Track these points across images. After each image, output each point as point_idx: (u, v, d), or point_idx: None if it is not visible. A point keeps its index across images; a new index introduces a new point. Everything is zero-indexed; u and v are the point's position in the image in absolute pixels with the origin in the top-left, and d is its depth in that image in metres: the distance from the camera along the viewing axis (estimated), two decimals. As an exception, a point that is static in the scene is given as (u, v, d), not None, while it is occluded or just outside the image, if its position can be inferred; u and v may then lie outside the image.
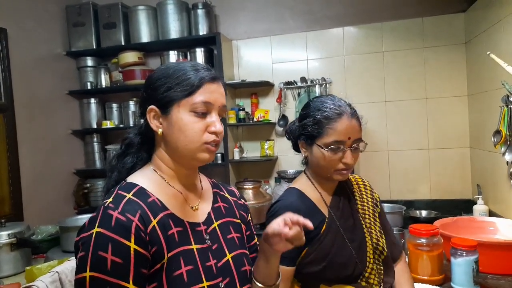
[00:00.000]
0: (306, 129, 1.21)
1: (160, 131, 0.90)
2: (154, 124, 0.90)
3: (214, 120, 0.89)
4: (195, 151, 0.88)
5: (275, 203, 1.25)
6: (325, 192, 1.26)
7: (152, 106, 0.90)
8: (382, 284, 1.22)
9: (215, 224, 0.96)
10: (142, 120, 0.96)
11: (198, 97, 0.87)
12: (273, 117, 3.05)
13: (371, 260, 1.21)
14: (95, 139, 3.23)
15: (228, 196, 1.08)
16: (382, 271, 1.24)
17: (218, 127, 0.89)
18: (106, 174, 0.98)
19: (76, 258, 0.80)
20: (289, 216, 0.85)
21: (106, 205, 0.81)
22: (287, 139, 1.36)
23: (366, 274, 1.19)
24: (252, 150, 3.12)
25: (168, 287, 0.80)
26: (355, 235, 1.22)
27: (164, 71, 0.91)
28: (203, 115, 0.89)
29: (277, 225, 0.86)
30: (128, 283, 0.76)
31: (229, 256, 0.94)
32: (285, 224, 0.85)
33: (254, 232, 1.12)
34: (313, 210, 1.20)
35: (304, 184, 1.27)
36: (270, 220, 1.19)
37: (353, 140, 1.16)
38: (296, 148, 1.33)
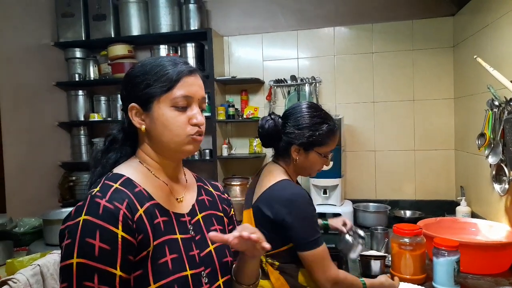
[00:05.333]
0: (316, 138, 1.37)
1: (143, 127, 0.92)
2: (136, 121, 0.92)
3: (195, 112, 0.91)
4: (180, 144, 0.91)
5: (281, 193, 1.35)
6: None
7: (133, 104, 0.91)
8: None
9: (199, 216, 0.99)
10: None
11: (178, 92, 0.89)
12: (263, 114, 3.04)
13: None
14: (82, 132, 3.20)
15: (212, 190, 1.10)
16: None
17: (200, 119, 0.92)
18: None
19: (61, 247, 0.80)
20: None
21: (93, 194, 0.82)
22: (264, 134, 1.45)
23: None
24: (241, 147, 3.12)
25: (153, 275, 0.81)
26: None
27: (141, 68, 0.92)
28: (184, 108, 0.91)
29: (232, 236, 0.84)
30: (116, 269, 0.77)
31: (211, 247, 0.96)
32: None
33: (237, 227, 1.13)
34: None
35: (287, 176, 1.43)
36: (286, 211, 1.30)
37: None
38: (271, 145, 1.47)
